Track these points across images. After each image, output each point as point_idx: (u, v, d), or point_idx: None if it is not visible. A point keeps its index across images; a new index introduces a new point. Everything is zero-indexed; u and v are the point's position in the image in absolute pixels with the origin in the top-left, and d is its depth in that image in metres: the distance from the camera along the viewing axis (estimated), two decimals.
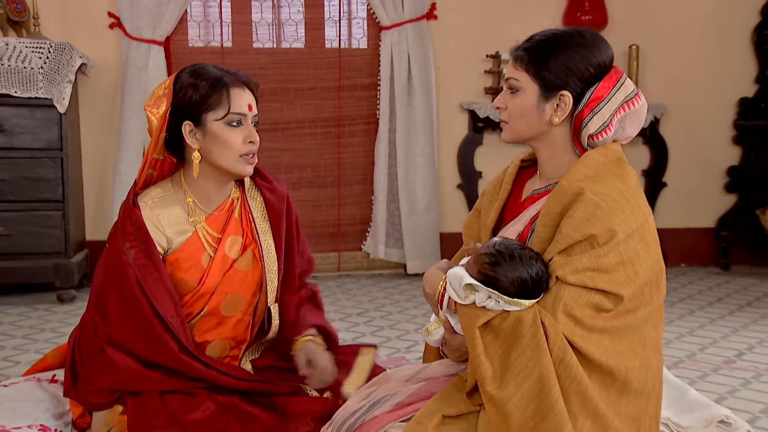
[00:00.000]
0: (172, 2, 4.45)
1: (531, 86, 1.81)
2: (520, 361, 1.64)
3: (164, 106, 2.15)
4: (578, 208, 1.70)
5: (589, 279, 1.67)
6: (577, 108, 1.80)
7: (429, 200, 4.76)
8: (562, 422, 1.61)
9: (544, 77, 1.80)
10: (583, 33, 1.85)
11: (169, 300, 2.09)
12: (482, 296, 1.69)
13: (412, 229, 4.73)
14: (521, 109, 1.83)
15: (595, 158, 1.80)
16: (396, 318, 3.88)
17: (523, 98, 1.83)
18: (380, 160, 4.71)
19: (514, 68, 1.84)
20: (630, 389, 1.71)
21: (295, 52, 4.76)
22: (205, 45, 4.70)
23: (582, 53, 1.80)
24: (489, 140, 4.92)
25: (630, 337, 1.72)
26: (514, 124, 1.87)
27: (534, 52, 1.82)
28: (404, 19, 4.66)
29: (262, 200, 2.31)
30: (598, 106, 1.79)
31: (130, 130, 4.45)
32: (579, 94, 1.80)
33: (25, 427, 2.10)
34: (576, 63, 1.79)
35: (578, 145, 1.84)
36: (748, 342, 3.47)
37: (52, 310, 4.03)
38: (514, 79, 1.83)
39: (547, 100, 1.81)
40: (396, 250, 4.81)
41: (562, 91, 1.79)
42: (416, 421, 1.72)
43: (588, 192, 1.71)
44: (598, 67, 1.81)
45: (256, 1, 4.71)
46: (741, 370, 3.07)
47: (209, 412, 2.05)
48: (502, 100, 1.88)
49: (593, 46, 1.81)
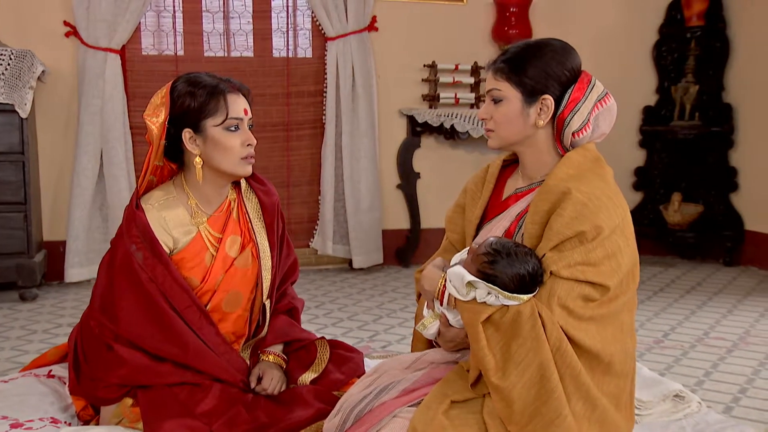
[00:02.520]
0: (128, 12, 4.36)
1: (514, 94, 1.86)
2: (521, 351, 1.69)
3: (163, 114, 2.14)
4: (567, 207, 1.76)
5: (580, 272, 1.74)
6: (558, 109, 1.86)
7: (372, 199, 4.81)
8: (561, 405, 1.68)
9: (526, 84, 1.85)
10: (552, 42, 1.91)
11: (183, 293, 2.09)
12: (482, 293, 1.73)
13: (357, 226, 4.78)
14: (506, 117, 1.88)
15: (575, 158, 1.86)
16: (353, 310, 3.92)
17: (507, 106, 1.87)
18: (327, 162, 4.73)
19: (495, 80, 1.88)
20: (612, 371, 1.79)
21: (245, 61, 4.74)
22: (159, 53, 4.62)
23: (556, 59, 1.87)
24: (426, 143, 5.00)
25: (611, 324, 1.79)
26: (500, 131, 1.91)
27: (513, 62, 1.87)
28: (348, 31, 4.69)
29: (257, 201, 2.32)
30: (577, 106, 1.86)
31: (87, 135, 4.34)
32: (558, 97, 1.86)
33: (36, 419, 2.06)
34: (553, 68, 1.86)
35: (560, 145, 1.90)
36: (669, 323, 3.66)
37: (16, 308, 3.91)
38: (497, 90, 1.87)
39: (530, 105, 1.86)
40: (342, 246, 4.84)
41: (543, 95, 1.85)
42: (425, 405, 1.75)
43: (575, 191, 1.77)
44: (572, 71, 1.88)
45: (207, 12, 4.66)
46: (670, 349, 3.25)
47: (217, 401, 2.06)
48: (486, 111, 1.92)
49: (564, 52, 1.89)
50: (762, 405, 2.62)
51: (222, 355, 2.14)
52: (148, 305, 2.07)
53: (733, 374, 2.93)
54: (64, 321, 3.69)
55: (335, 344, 2.38)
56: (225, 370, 2.13)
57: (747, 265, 5.02)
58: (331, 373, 2.27)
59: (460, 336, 1.88)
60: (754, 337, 3.44)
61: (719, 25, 5.13)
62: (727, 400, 2.66)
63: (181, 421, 1.97)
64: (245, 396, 2.13)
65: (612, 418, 1.78)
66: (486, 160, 5.11)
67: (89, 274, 4.41)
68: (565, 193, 1.79)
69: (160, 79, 4.59)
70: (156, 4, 4.57)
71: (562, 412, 1.68)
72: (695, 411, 2.31)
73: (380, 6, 4.83)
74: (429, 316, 1.92)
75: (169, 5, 4.59)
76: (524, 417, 1.69)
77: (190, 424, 1.97)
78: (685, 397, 2.35)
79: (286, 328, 2.34)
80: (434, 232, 5.09)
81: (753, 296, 4.21)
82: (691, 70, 5.13)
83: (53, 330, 3.54)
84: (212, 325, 2.14)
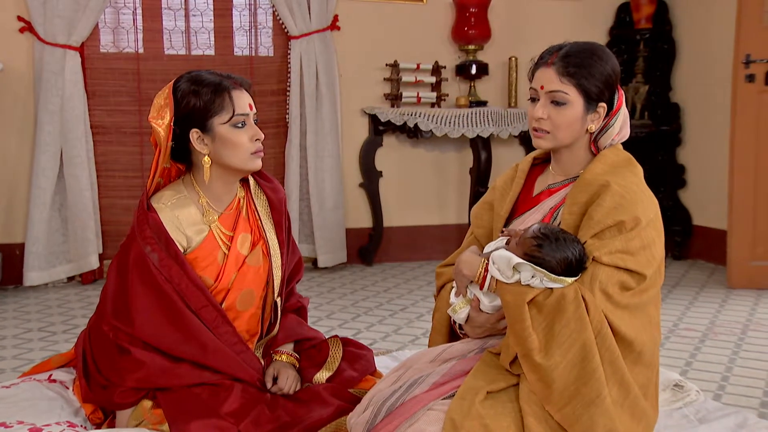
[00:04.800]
0: (87, 9, 4.23)
1: (577, 99, 1.88)
2: (565, 332, 1.72)
3: (168, 116, 2.09)
4: (606, 198, 1.82)
5: (620, 260, 1.79)
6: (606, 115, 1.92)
7: (336, 198, 4.79)
8: (601, 386, 1.71)
9: (591, 92, 1.88)
10: (602, 46, 1.96)
11: (199, 293, 2.05)
12: (527, 275, 1.77)
13: (322, 225, 4.75)
14: (569, 121, 1.89)
15: (610, 157, 1.92)
16: (329, 309, 3.90)
17: (571, 111, 1.89)
18: (292, 161, 4.69)
19: (561, 82, 1.88)
20: (642, 360, 1.84)
21: (206, 59, 4.64)
22: (119, 51, 4.50)
23: (614, 67, 1.91)
24: (388, 142, 5.01)
25: (641, 315, 1.84)
26: (558, 134, 1.92)
27: (581, 68, 1.88)
28: (312, 30, 4.66)
29: (265, 198, 2.29)
30: (620, 111, 1.93)
31: (47, 134, 4.19)
32: (609, 103, 1.92)
33: (53, 424, 1.98)
34: (611, 76, 1.90)
35: (593, 146, 1.96)
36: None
37: None
38: (563, 93, 1.88)
39: (589, 111, 1.90)
40: (307, 245, 4.81)
41: (600, 102, 1.90)
42: (460, 397, 1.76)
43: (613, 184, 1.83)
44: (618, 77, 1.94)
45: (168, 10, 4.55)
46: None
47: (241, 401, 2.02)
48: (544, 111, 1.91)
49: (612, 58, 1.93)
50: (746, 391, 2.73)
51: (239, 354, 2.11)
52: (165, 306, 2.03)
53: (711, 363, 3.04)
54: (32, 326, 3.56)
55: (345, 342, 2.36)
56: (244, 369, 2.10)
57: (695, 258, 5.20)
58: (344, 371, 2.26)
59: (491, 321, 1.91)
60: (719, 326, 3.57)
61: (666, 28, 5.29)
62: (713, 388, 2.76)
63: (208, 421, 1.94)
64: (265, 395, 2.11)
65: (642, 406, 1.83)
66: (446, 158, 5.17)
67: (50, 277, 4.27)
68: (603, 185, 1.84)
69: (120, 77, 4.48)
70: (115, 1, 4.44)
71: (601, 392, 1.71)
72: (694, 399, 2.38)
73: (342, 5, 4.81)
74: (460, 302, 1.95)
75: (129, 2, 4.47)
76: (564, 398, 1.72)
77: (218, 424, 1.94)
78: (684, 387, 2.42)
79: (295, 326, 2.32)
80: (397, 230, 5.11)
81: (708, 288, 4.37)
82: (640, 70, 5.29)
83: (23, 335, 3.40)
84: (229, 325, 2.11)
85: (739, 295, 4.18)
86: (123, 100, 4.49)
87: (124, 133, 4.51)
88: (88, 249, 4.32)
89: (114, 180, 4.51)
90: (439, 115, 4.76)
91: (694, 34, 5.21)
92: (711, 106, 5.05)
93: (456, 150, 5.18)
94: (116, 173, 4.52)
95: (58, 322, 3.62)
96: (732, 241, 4.36)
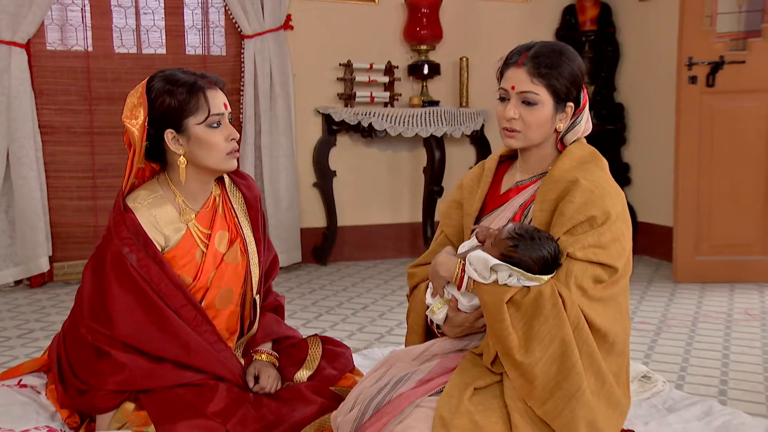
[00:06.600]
0: (33, 4, 4.11)
1: (548, 100, 1.92)
2: (544, 329, 1.76)
3: (142, 116, 2.06)
4: (576, 194, 1.85)
5: (593, 254, 1.83)
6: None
7: (291, 198, 4.77)
8: (581, 380, 1.76)
9: (560, 92, 1.92)
10: (568, 46, 1.99)
11: (178, 292, 2.04)
12: (504, 275, 1.79)
13: (278, 225, 4.72)
14: (540, 121, 1.93)
15: (576, 152, 1.96)
16: (290, 308, 3.86)
17: (542, 111, 1.92)
18: (247, 161, 4.65)
19: (533, 83, 1.91)
20: (615, 350, 1.89)
21: (158, 58, 4.56)
22: (67, 49, 4.38)
23: (578, 66, 1.95)
24: (342, 142, 5.00)
25: (613, 306, 1.89)
26: (529, 134, 1.95)
27: (551, 68, 1.91)
28: (265, 29, 4.62)
29: (241, 196, 2.28)
30: (585, 109, 1.97)
31: None
32: (576, 101, 1.96)
33: (32, 429, 1.94)
34: (578, 76, 1.95)
35: (559, 143, 2.00)
36: None
37: None
38: (534, 94, 1.91)
39: (558, 111, 1.94)
40: None
41: (569, 102, 1.95)
42: (448, 394, 1.78)
43: (582, 180, 1.87)
44: (583, 76, 1.98)
45: (118, 7, 4.46)
46: None
47: (226, 401, 2.01)
48: (515, 111, 1.93)
49: (578, 58, 1.97)
50: (704, 380, 2.82)
51: (220, 353, 2.09)
52: (146, 307, 2.00)
53: (669, 354, 3.13)
54: None
55: (324, 340, 2.36)
56: (227, 368, 2.09)
57: (640, 254, 5.33)
58: (324, 369, 2.27)
59: (469, 320, 1.93)
60: (671, 319, 3.67)
61: (610, 30, 5.42)
62: (674, 378, 2.84)
63: (195, 421, 1.92)
64: (248, 395, 2.09)
65: (616, 394, 1.88)
66: (399, 157, 5.19)
67: None
68: (572, 182, 1.88)
69: (69, 75, 4.37)
70: None
71: (581, 386, 1.76)
72: (661, 389, 2.46)
73: (295, 5, 4.79)
74: (437, 302, 1.96)
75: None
76: (545, 392, 1.75)
77: (205, 424, 1.92)
78: (651, 378, 2.49)
79: (274, 325, 2.31)
80: (351, 229, 5.11)
81: (656, 282, 4.49)
82: (586, 71, 5.40)
83: None
84: (209, 323, 2.09)
85: (685, 288, 4.31)
86: (72, 99, 4.38)
87: (74, 132, 4.40)
88: (37, 251, 4.20)
89: (64, 181, 4.39)
90: (393, 114, 4.78)
91: (637, 37, 5.35)
92: (654, 106, 5.20)
93: (409, 149, 5.21)
94: (66, 174, 4.40)
95: (10, 327, 3.51)
96: (678, 238, 4.49)
